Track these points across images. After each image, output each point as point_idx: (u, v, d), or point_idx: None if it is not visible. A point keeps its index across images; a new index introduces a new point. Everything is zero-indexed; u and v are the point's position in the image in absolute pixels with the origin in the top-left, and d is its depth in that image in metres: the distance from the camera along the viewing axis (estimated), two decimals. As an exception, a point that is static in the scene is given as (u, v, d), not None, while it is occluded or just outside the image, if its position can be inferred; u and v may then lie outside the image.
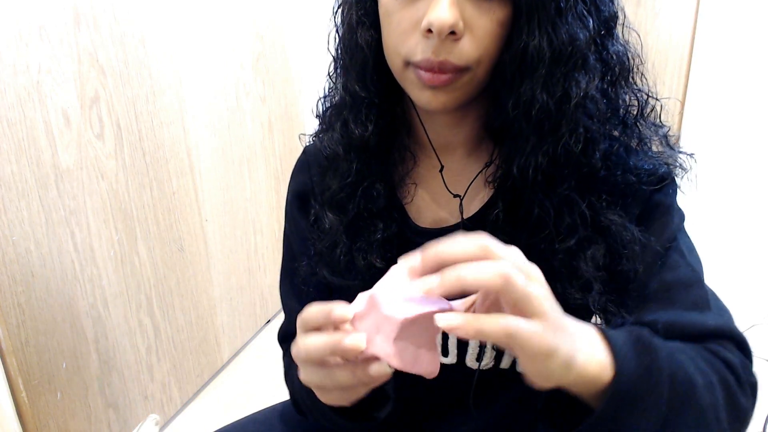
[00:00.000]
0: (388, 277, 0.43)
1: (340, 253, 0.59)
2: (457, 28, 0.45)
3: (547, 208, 0.51)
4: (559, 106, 0.48)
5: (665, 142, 0.56)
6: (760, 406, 0.49)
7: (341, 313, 0.41)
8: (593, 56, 0.49)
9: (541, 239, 0.52)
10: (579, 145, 0.49)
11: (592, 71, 0.49)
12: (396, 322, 0.40)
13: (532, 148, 0.49)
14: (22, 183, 1.03)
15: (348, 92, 0.58)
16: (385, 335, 0.41)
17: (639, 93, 0.54)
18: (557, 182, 0.51)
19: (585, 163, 0.50)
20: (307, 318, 0.43)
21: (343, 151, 0.59)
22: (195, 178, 1.52)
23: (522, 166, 0.50)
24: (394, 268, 0.44)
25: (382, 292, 0.42)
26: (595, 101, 0.49)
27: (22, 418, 1.06)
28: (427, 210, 0.61)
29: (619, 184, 0.53)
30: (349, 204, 0.59)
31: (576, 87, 0.47)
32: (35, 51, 1.04)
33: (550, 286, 0.41)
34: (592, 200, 0.52)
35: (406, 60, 0.49)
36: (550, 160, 0.49)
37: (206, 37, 1.52)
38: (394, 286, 0.42)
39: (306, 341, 0.42)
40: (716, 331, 0.50)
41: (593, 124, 0.50)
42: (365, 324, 0.42)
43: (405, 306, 0.41)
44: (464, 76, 0.49)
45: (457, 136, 0.58)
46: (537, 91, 0.47)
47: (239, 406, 1.58)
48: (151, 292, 1.38)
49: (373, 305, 0.42)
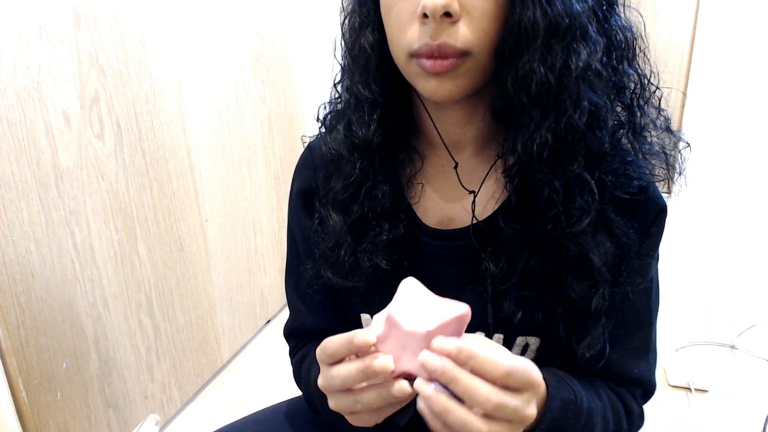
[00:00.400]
0: (399, 296, 0.45)
1: (344, 255, 0.59)
2: (452, 9, 0.45)
3: (557, 188, 0.50)
4: (560, 78, 0.47)
5: (665, 126, 0.56)
6: (760, 407, 0.50)
7: (364, 338, 0.43)
8: (594, 28, 0.48)
9: (553, 224, 0.52)
10: (584, 118, 0.48)
11: (593, 43, 0.48)
12: (419, 336, 0.41)
13: (536, 124, 0.48)
14: (22, 183, 1.03)
15: (352, 94, 0.58)
16: (411, 351, 0.42)
17: (642, 75, 0.54)
18: (565, 160, 0.50)
19: (591, 139, 0.49)
20: (329, 351, 0.45)
21: (347, 152, 0.59)
22: (195, 178, 1.52)
23: (526, 143, 0.49)
24: (402, 286, 0.46)
25: (397, 310, 0.43)
26: (598, 74, 0.49)
27: (22, 418, 1.06)
28: (435, 209, 0.61)
29: (627, 174, 0.53)
30: (353, 204, 0.59)
31: (576, 58, 0.47)
32: (35, 51, 1.04)
33: (562, 278, 0.51)
34: (602, 179, 0.52)
35: (408, 51, 0.50)
36: (555, 137, 0.48)
37: (206, 37, 1.52)
38: (407, 303, 0.44)
39: (337, 372, 0.44)
40: (634, 380, 0.61)
41: (598, 98, 0.49)
42: (389, 345, 0.43)
43: (424, 319, 0.42)
44: (466, 61, 0.48)
45: (467, 134, 0.58)
46: (535, 64, 0.47)
47: (239, 406, 1.58)
48: (151, 292, 1.38)
49: (392, 325, 0.43)
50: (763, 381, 1.56)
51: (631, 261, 0.55)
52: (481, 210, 0.58)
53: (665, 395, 1.53)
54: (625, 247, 0.54)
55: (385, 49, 0.54)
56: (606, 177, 0.52)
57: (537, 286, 0.54)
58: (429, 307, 0.43)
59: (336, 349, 0.44)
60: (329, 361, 0.46)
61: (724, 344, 1.73)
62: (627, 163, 0.54)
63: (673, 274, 2.19)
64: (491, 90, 0.53)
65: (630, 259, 0.54)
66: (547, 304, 0.55)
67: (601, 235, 0.53)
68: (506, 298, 0.55)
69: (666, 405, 1.49)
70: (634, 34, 0.52)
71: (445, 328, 0.42)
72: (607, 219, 0.53)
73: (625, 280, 0.55)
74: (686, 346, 1.73)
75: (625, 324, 0.57)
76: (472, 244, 0.57)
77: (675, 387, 1.55)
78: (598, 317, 0.54)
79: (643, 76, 0.54)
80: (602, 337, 0.55)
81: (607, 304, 0.54)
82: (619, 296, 0.55)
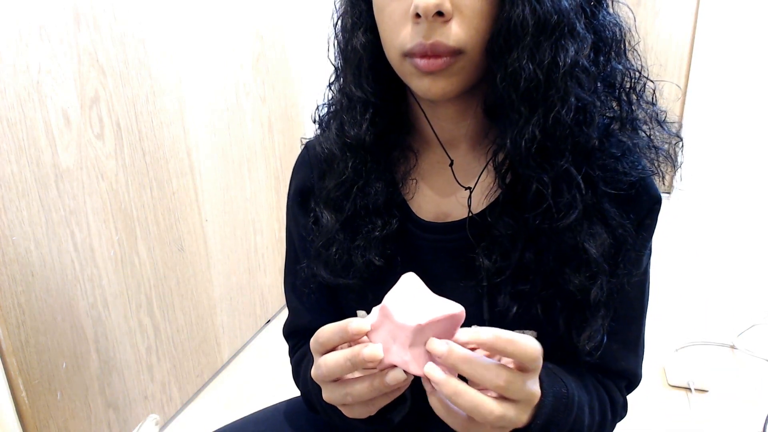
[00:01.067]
0: (396, 288, 0.45)
1: (337, 253, 0.59)
2: (444, 8, 0.46)
3: (546, 182, 0.50)
4: (548, 75, 0.47)
5: (657, 120, 0.56)
6: (760, 407, 0.50)
7: (358, 326, 0.43)
8: (582, 24, 0.49)
9: (542, 218, 0.52)
10: (570, 114, 0.48)
11: (581, 39, 0.48)
12: (409, 329, 0.41)
13: (525, 120, 0.49)
14: (22, 183, 1.03)
15: (344, 94, 0.58)
16: (400, 343, 0.42)
17: (632, 69, 0.54)
18: (552, 155, 0.50)
19: (579, 134, 0.50)
20: (322, 341, 0.45)
21: (339, 151, 0.59)
22: (195, 178, 1.52)
23: (515, 139, 0.50)
24: (402, 279, 0.45)
25: (392, 301, 0.43)
26: (586, 70, 0.49)
27: (22, 418, 1.06)
28: (429, 205, 0.61)
29: (618, 170, 0.53)
30: (346, 203, 0.59)
31: (564, 55, 0.47)
32: (35, 51, 1.04)
33: (559, 271, 0.52)
34: (590, 174, 0.52)
35: (402, 51, 0.50)
36: (543, 132, 0.49)
37: (206, 37, 1.52)
38: (403, 296, 0.44)
39: (325, 361, 0.44)
40: (622, 372, 0.62)
41: (585, 93, 0.49)
42: (380, 335, 0.43)
43: (417, 313, 0.42)
44: (459, 59, 0.49)
45: (461, 130, 0.58)
46: (523, 61, 0.47)
47: (239, 406, 1.58)
48: (151, 292, 1.38)
49: (385, 315, 0.43)
50: (763, 381, 1.56)
51: (627, 252, 0.55)
52: (476, 205, 0.58)
53: (665, 395, 1.53)
54: (621, 238, 0.54)
55: (378, 49, 0.54)
56: (594, 172, 0.52)
57: (533, 280, 0.55)
58: (424, 302, 0.43)
59: (328, 338, 0.45)
60: (321, 350, 0.46)
61: (724, 344, 1.73)
62: (618, 158, 0.54)
63: (673, 273, 2.19)
64: (484, 87, 0.53)
65: (626, 250, 0.55)
66: (545, 298, 0.55)
67: (597, 226, 0.53)
68: (501, 292, 0.56)
69: (666, 405, 1.49)
70: (622, 29, 0.52)
71: (437, 325, 0.42)
72: (602, 210, 0.53)
73: (622, 271, 0.55)
74: (686, 346, 1.73)
75: (617, 317, 0.58)
76: (466, 238, 0.58)
77: (675, 387, 1.55)
78: (597, 308, 0.54)
79: (633, 70, 0.54)
80: (601, 329, 0.55)
81: (605, 295, 0.54)
82: (616, 288, 0.55)
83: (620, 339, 0.60)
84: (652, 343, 1.68)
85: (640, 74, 0.54)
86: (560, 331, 0.56)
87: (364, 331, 0.43)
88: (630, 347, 0.62)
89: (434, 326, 0.42)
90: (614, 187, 0.53)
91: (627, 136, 0.54)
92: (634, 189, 0.55)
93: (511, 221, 0.54)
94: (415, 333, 0.41)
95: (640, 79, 0.54)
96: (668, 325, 1.82)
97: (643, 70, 0.54)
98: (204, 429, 1.45)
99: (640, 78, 0.54)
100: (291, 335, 0.73)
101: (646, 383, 0.81)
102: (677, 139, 0.57)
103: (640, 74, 0.54)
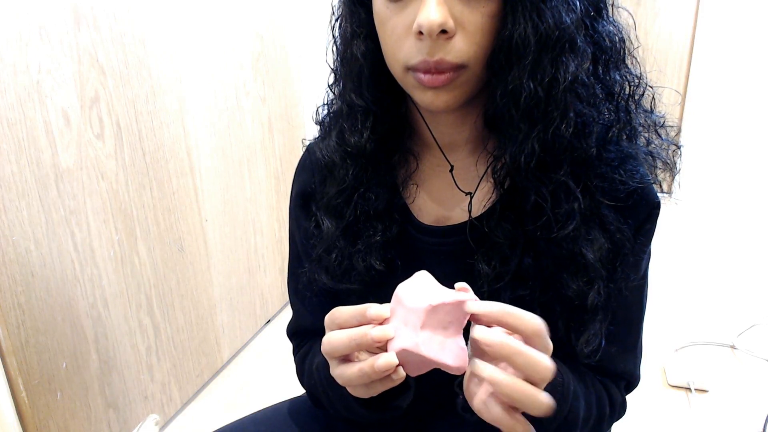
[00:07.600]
0: (409, 280, 0.46)
1: (337, 258, 0.60)
2: (447, 27, 0.46)
3: (544, 194, 0.51)
4: (548, 91, 0.47)
5: (655, 129, 0.56)
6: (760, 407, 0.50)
7: (377, 311, 0.44)
8: (582, 38, 0.48)
9: (541, 229, 0.52)
10: (570, 130, 0.49)
11: (581, 54, 0.48)
12: (420, 311, 0.43)
13: (524, 136, 0.49)
14: (22, 183, 1.03)
15: (345, 102, 0.58)
16: (411, 326, 0.43)
17: (631, 76, 0.54)
18: (551, 168, 0.51)
19: (578, 147, 0.50)
20: (339, 322, 0.46)
21: (340, 159, 0.59)
22: (195, 178, 1.52)
23: (514, 155, 0.50)
24: (416, 275, 0.47)
25: (405, 289, 0.45)
26: (585, 85, 0.49)
27: (22, 418, 1.06)
28: (429, 209, 0.61)
29: (615, 179, 0.53)
30: (346, 209, 0.59)
31: (564, 71, 0.47)
32: (35, 51, 1.04)
33: (557, 276, 0.52)
34: (588, 185, 0.52)
35: (405, 66, 0.50)
36: (542, 147, 0.49)
37: (206, 37, 1.52)
38: (416, 285, 0.45)
39: (331, 338, 0.46)
40: (620, 374, 0.62)
41: (584, 107, 0.49)
42: (393, 321, 0.45)
43: (428, 296, 0.43)
44: (462, 73, 0.49)
45: (461, 135, 0.58)
46: (524, 79, 0.47)
47: (239, 406, 1.58)
48: (151, 292, 1.38)
49: (398, 302, 0.44)
50: (763, 381, 1.56)
51: (625, 257, 0.55)
52: (476, 209, 0.58)
53: (665, 395, 1.53)
54: (619, 243, 0.54)
55: (379, 57, 0.54)
56: (592, 182, 0.52)
57: (532, 285, 0.55)
58: (436, 291, 0.44)
59: (345, 320, 0.46)
60: (335, 330, 0.47)
61: (724, 344, 1.73)
62: (615, 166, 0.54)
63: (673, 273, 2.19)
64: (484, 95, 0.53)
65: (624, 255, 0.55)
66: (545, 303, 0.55)
67: (595, 232, 0.53)
68: (501, 298, 0.56)
69: (666, 405, 1.49)
70: (622, 38, 0.52)
71: (449, 310, 0.43)
72: (600, 215, 0.53)
73: (620, 275, 0.55)
74: (686, 346, 1.73)
75: (616, 320, 0.58)
76: (466, 242, 0.58)
77: (675, 387, 1.55)
78: (595, 313, 0.55)
79: (632, 77, 0.54)
80: (600, 332, 0.55)
81: (603, 300, 0.54)
82: (614, 292, 0.55)
83: (619, 342, 0.60)
84: (652, 343, 1.69)
85: (639, 81, 0.54)
86: (560, 335, 0.57)
87: (383, 317, 0.44)
88: (629, 350, 0.62)
89: (446, 310, 0.43)
90: (612, 196, 0.53)
91: (625, 143, 0.54)
92: (632, 199, 0.54)
93: (509, 227, 0.55)
94: (428, 313, 0.42)
95: (639, 86, 0.54)
96: (668, 325, 1.82)
97: (642, 76, 0.54)
98: (204, 429, 1.45)
99: (639, 85, 0.54)
100: (294, 335, 0.74)
101: (645, 383, 0.81)
102: (675, 147, 0.57)
103: (639, 81, 0.54)
